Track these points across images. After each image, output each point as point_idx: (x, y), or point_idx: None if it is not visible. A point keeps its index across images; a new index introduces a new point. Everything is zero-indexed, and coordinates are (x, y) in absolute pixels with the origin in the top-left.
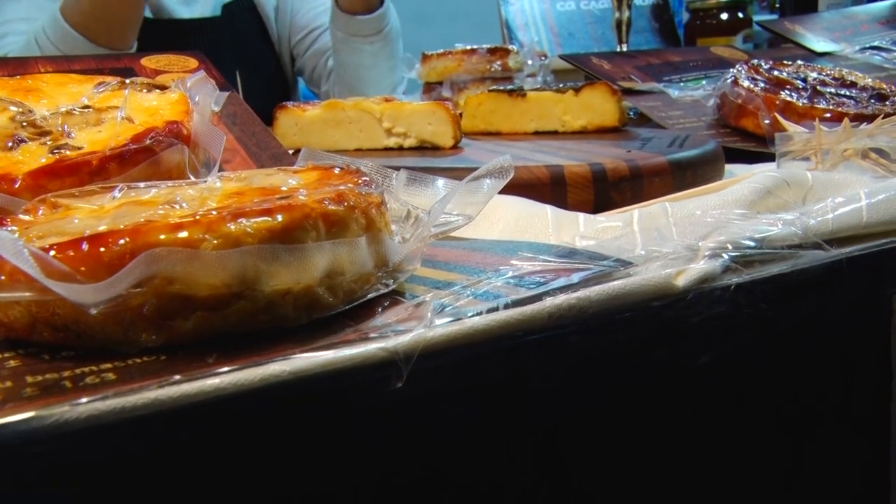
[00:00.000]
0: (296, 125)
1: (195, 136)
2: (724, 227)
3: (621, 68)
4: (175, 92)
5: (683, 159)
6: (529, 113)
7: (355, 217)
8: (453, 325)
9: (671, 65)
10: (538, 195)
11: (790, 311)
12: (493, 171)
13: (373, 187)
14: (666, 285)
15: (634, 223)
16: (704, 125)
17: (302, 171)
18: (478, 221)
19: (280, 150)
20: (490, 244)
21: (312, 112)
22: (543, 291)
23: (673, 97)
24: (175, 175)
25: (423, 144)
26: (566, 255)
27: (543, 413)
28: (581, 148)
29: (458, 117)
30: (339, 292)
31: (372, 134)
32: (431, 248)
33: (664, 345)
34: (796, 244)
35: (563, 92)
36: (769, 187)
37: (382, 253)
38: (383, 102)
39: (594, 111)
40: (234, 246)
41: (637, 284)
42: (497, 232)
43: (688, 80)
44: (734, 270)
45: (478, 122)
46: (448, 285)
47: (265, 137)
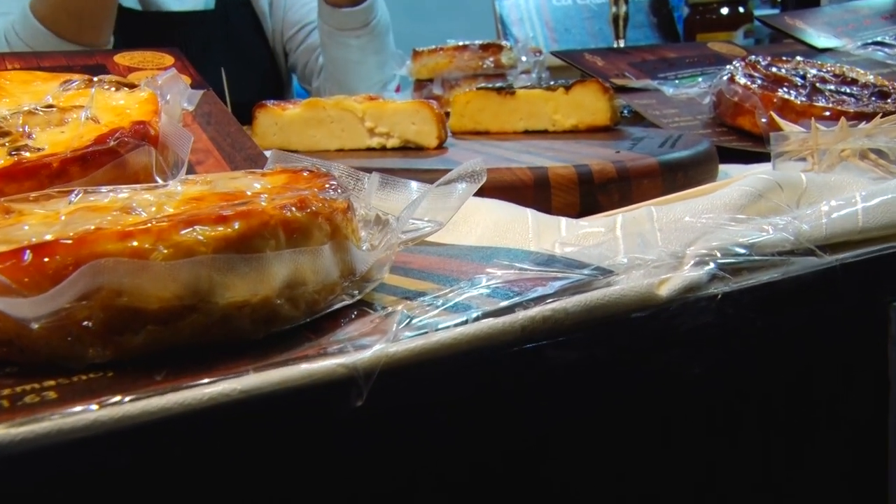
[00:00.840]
0: (275, 125)
1: (163, 136)
2: (711, 233)
3: (615, 65)
4: (144, 91)
5: (674, 160)
6: (519, 112)
7: (319, 224)
8: (418, 339)
9: (667, 61)
10: (521, 198)
11: (781, 321)
12: (464, 174)
13: (340, 192)
14: (647, 295)
15: (617, 229)
16: (700, 124)
17: (270, 175)
18: (456, 226)
19: (255, 151)
20: (467, 251)
21: (292, 111)
22: (516, 302)
23: (667, 95)
24: (142, 178)
25: (407, 145)
26: (544, 263)
27: (516, 431)
28: (569, 148)
29: (442, 116)
30: (300, 304)
31: (354, 134)
32: (406, 254)
33: (645, 358)
34: (788, 250)
35: (553, 90)
36: (760, 190)
37: (348, 261)
38: (366, 101)
39: (585, 110)
40: (187, 256)
41: (616, 295)
42: (475, 237)
43: (683, 77)
44: (721, 279)
45: (466, 121)
46: (419, 295)
47: (240, 138)
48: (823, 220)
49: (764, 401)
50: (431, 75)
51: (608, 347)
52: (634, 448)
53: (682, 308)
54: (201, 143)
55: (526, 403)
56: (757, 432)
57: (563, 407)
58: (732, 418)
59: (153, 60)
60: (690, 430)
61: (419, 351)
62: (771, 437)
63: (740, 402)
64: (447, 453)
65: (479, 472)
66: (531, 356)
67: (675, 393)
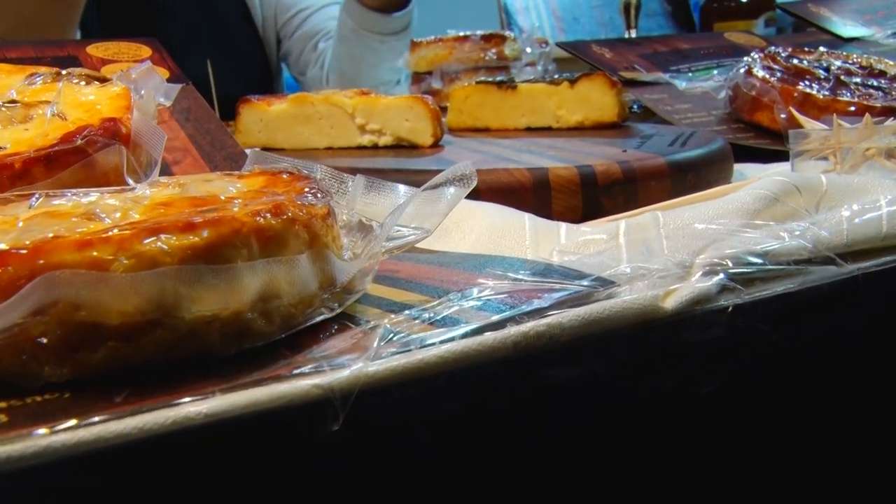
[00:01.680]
0: (260, 121)
1: (135, 135)
2: (722, 241)
3: (624, 57)
4: (117, 85)
5: (684, 160)
6: (521, 107)
7: (295, 231)
8: (400, 357)
9: (680, 53)
10: (520, 201)
11: (797, 334)
12: (453, 178)
13: (320, 196)
14: (651, 308)
15: (620, 235)
16: (715, 120)
17: (247, 177)
18: (448, 232)
19: (236, 150)
20: (458, 259)
21: (278, 107)
22: (508, 317)
23: (680, 89)
24: (112, 180)
25: (400, 142)
26: (540, 273)
27: (508, 454)
28: (573, 147)
29: (438, 113)
30: (274, 318)
31: (344, 131)
32: (394, 262)
33: (649, 376)
34: (805, 259)
35: (557, 84)
36: (776, 193)
37: (328, 272)
38: (357, 96)
39: (591, 105)
40: (150, 267)
41: (618, 308)
42: (469, 244)
43: (698, 69)
44: (732, 290)
45: (464, 117)
46: (404, 308)
47: (221, 135)
48: (844, 226)
49: (776, 415)
50: (430, 68)
51: (608, 365)
52: (638, 472)
53: (689, 322)
54: (179, 142)
55: (518, 425)
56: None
57: (559, 429)
58: (742, 438)
59: (129, 52)
60: (698, 450)
61: (401, 370)
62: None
63: (751, 420)
64: (431, 476)
65: (468, 496)
66: (524, 375)
67: (682, 412)
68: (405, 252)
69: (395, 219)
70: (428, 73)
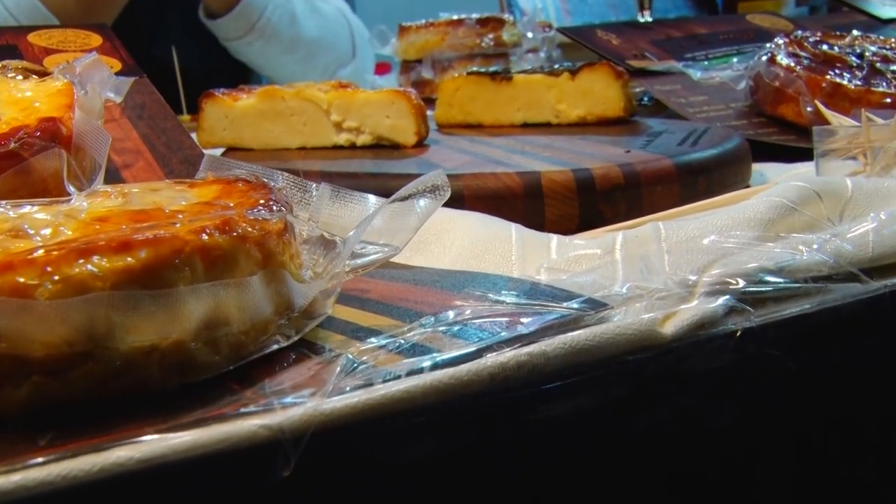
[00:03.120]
0: (226, 118)
1: (77, 137)
2: (730, 256)
3: (634, 43)
4: (58, 79)
5: (695, 161)
6: (516, 100)
7: (246, 250)
8: (360, 393)
9: (696, 38)
10: (509, 209)
11: (816, 362)
12: (424, 188)
13: (277, 208)
14: (648, 334)
15: (616, 250)
16: (733, 114)
17: (199, 186)
18: (427, 244)
19: (195, 151)
20: (436, 276)
21: (246, 102)
22: (485, 345)
23: (695, 79)
24: (51, 187)
25: (381, 142)
26: (525, 294)
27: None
28: (572, 146)
29: (422, 109)
30: (222, 348)
31: (318, 129)
32: (365, 280)
33: (646, 412)
34: (825, 275)
35: (556, 75)
36: (794, 201)
37: (284, 294)
38: (333, 90)
39: (594, 98)
40: (79, 292)
41: (610, 334)
42: (449, 259)
43: (715, 57)
44: (741, 312)
45: (454, 111)
46: (372, 334)
47: (178, 135)
48: (870, 238)
49: (794, 455)
50: (420, 56)
51: (600, 399)
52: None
53: (691, 349)
54: (130, 142)
55: (497, 470)
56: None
57: (543, 474)
58: (755, 480)
59: (76, 40)
60: (705, 496)
61: (361, 407)
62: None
63: (765, 460)
64: None
65: None
66: (503, 411)
67: (685, 453)
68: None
69: (358, 235)
70: (418, 61)
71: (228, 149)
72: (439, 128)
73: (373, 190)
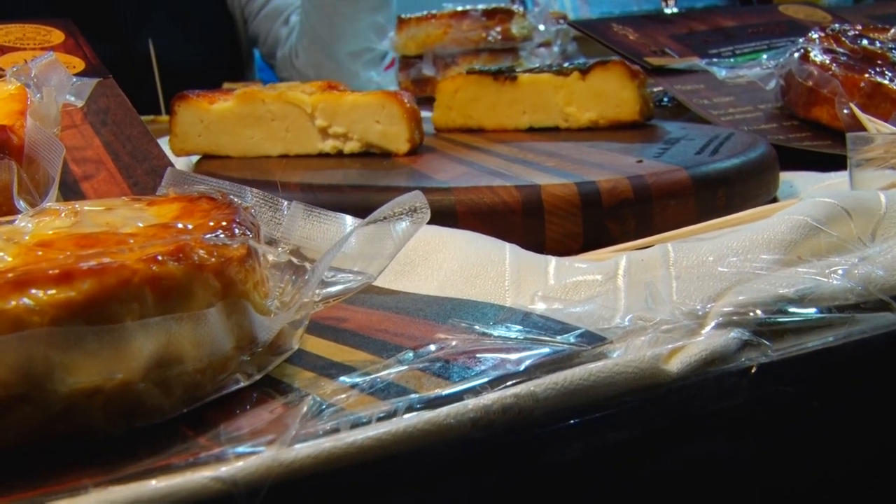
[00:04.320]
0: (201, 122)
1: (29, 147)
2: (746, 282)
3: (653, 38)
4: (11, 83)
5: (713, 172)
6: (521, 103)
7: (203, 280)
8: (325, 441)
9: (722, 32)
10: (507, 227)
11: (842, 401)
12: (401, 210)
13: (240, 231)
14: (651, 372)
15: (619, 276)
16: (762, 116)
17: (159, 203)
18: (414, 267)
19: (163, 161)
20: (421, 304)
21: (223, 105)
22: (468, 387)
23: (720, 78)
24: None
25: (370, 149)
26: (515, 326)
27: None
28: (579, 155)
29: (415, 113)
30: (174, 388)
31: (302, 135)
32: (343, 307)
33: (650, 459)
34: (853, 304)
35: (565, 74)
36: (819, 219)
37: (246, 328)
38: (319, 92)
39: (607, 100)
40: (14, 329)
41: (607, 372)
42: (436, 283)
43: (743, 53)
44: (757, 346)
45: (453, 114)
46: (344, 370)
47: (145, 143)
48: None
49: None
50: (420, 51)
51: (597, 446)
52: None
53: (700, 387)
54: (92, 151)
55: None
56: None
57: None
58: None
59: (36, 36)
60: None
61: (325, 458)
62: None
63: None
64: None
65: None
66: (486, 461)
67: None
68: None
69: (328, 261)
70: (418, 56)
71: (204, 156)
72: (437, 132)
73: (357, 204)
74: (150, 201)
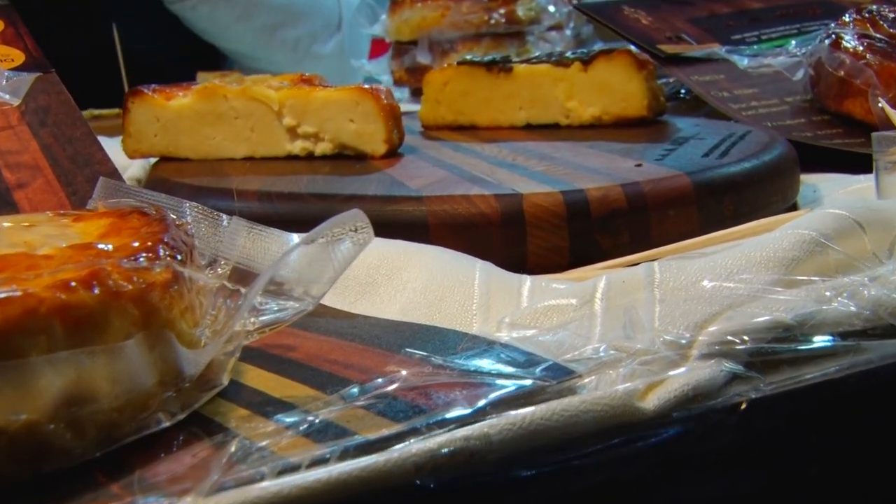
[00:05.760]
0: (157, 121)
1: None
2: (739, 306)
3: (668, 23)
4: None
5: (719, 178)
6: (518, 97)
7: (120, 308)
8: (246, 491)
9: (747, 14)
10: (484, 241)
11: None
12: (340, 232)
13: (162, 253)
14: (623, 410)
15: (597, 300)
16: (788, 111)
17: (88, 219)
18: (376, 287)
19: (107, 167)
20: (379, 329)
21: (181, 102)
22: (412, 427)
23: (742, 67)
24: None
25: (344, 151)
26: (476, 357)
27: None
28: (575, 157)
29: (394, 110)
30: (87, 429)
31: (268, 135)
32: (293, 333)
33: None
34: (858, 330)
35: (565, 65)
36: (826, 234)
37: (172, 361)
38: (288, 87)
39: (611, 94)
40: None
41: (573, 410)
42: (399, 306)
43: (769, 38)
44: (747, 379)
45: (443, 110)
46: (283, 408)
47: (88, 146)
48: None
49: None
50: (415, 36)
51: (558, 495)
52: None
53: (682, 427)
54: (28, 155)
55: None
56: None
57: None
58: None
59: None
60: None
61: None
62: None
63: None
64: None
65: None
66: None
67: None
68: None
69: (260, 286)
70: (413, 42)
71: (161, 159)
72: (425, 129)
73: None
74: (77, 216)
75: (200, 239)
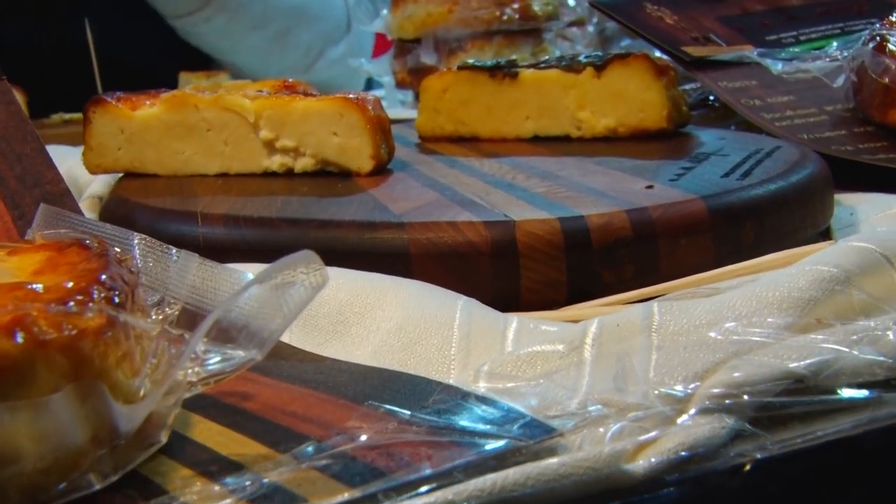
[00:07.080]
0: (121, 133)
1: None
2: (745, 354)
3: (695, 21)
4: None
5: (737, 203)
6: (524, 105)
7: (47, 358)
8: None
9: (784, 12)
10: (472, 273)
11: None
12: (291, 274)
13: (95, 295)
14: (609, 474)
15: (586, 345)
16: (828, 121)
17: (24, 252)
18: (347, 327)
19: (59, 187)
20: (347, 376)
21: (147, 112)
22: (368, 493)
23: (775, 73)
24: None
25: (326, 167)
26: (448, 412)
27: None
28: (580, 177)
29: (383, 122)
30: (9, 493)
31: (243, 149)
32: (252, 380)
33: None
34: (880, 381)
35: (577, 70)
36: (849, 270)
37: (106, 416)
38: (264, 97)
39: (627, 103)
40: None
41: (550, 475)
42: (371, 349)
43: (808, 40)
44: (752, 437)
45: (442, 120)
46: (230, 469)
47: (38, 165)
48: None
49: None
50: (419, 33)
51: None
52: None
53: (677, 492)
54: None
55: None
56: None
57: None
58: None
59: None
60: None
61: None
62: None
63: None
64: None
65: None
66: None
67: None
68: (274, 360)
69: (203, 331)
70: (417, 41)
71: (126, 175)
72: (422, 141)
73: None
74: (12, 249)
75: (148, 275)
